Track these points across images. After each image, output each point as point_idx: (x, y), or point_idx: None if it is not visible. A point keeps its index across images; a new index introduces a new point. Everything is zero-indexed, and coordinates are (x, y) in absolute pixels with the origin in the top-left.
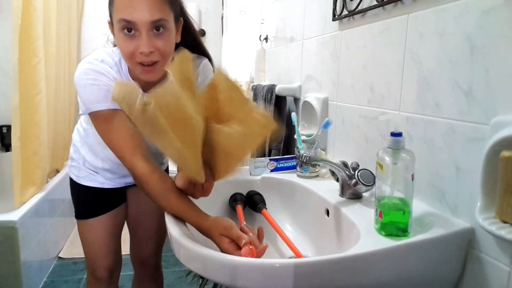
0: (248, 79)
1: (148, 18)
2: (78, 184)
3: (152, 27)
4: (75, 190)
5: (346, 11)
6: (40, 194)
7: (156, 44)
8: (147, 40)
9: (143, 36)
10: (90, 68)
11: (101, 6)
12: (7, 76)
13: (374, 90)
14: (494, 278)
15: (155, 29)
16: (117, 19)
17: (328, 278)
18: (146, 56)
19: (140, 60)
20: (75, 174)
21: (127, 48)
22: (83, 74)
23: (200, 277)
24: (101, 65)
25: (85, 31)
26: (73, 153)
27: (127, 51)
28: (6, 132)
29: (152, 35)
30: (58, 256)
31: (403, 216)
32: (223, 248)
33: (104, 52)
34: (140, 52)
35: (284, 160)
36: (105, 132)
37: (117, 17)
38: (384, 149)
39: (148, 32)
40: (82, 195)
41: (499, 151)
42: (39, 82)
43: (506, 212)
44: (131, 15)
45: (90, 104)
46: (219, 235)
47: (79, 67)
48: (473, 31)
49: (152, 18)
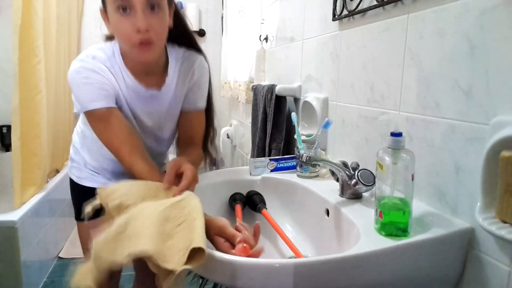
0: (247, 79)
1: None
2: (78, 185)
3: (147, 5)
4: (75, 191)
5: (346, 11)
6: (40, 194)
7: (151, 23)
8: (143, 17)
9: (138, 13)
10: (82, 66)
11: None
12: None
13: (374, 90)
14: (494, 278)
15: (150, 8)
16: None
17: (328, 278)
18: (142, 34)
19: (137, 39)
20: (75, 175)
21: (124, 28)
22: (75, 73)
23: (200, 277)
24: (93, 62)
25: (85, 31)
26: (73, 154)
27: (123, 31)
28: (6, 132)
29: (147, 14)
30: (58, 256)
31: (403, 216)
32: (219, 248)
33: (95, 48)
34: (137, 29)
35: (284, 160)
36: (102, 131)
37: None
38: (384, 149)
39: (144, 10)
40: (83, 196)
41: (499, 151)
42: (39, 82)
43: (506, 212)
44: None
45: (84, 103)
46: (214, 235)
47: (71, 66)
48: (473, 31)
49: None
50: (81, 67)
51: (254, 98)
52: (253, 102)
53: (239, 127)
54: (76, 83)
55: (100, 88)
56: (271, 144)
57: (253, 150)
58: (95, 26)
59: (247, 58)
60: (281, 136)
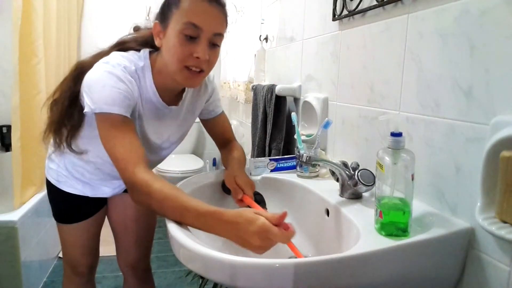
0: (247, 79)
1: (214, 30)
2: (57, 188)
3: (212, 40)
4: (53, 194)
5: (346, 11)
6: (40, 194)
7: (210, 55)
8: (207, 48)
9: (203, 43)
10: (112, 72)
11: (101, 6)
12: (7, 76)
13: (374, 90)
14: (494, 278)
15: (212, 44)
16: (183, 22)
17: (328, 278)
18: (199, 62)
19: (192, 64)
20: (54, 178)
21: (183, 51)
22: (106, 74)
23: (200, 277)
24: (123, 73)
25: (85, 31)
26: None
27: (181, 53)
28: (6, 132)
29: (208, 47)
30: (58, 256)
31: (403, 216)
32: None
33: (125, 58)
34: (196, 56)
35: (284, 160)
36: (111, 137)
37: (184, 20)
38: (384, 149)
39: (207, 41)
40: (61, 201)
41: (499, 151)
42: (39, 82)
43: (506, 212)
44: (202, 22)
45: (104, 104)
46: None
47: (98, 67)
48: (473, 31)
49: (217, 30)
50: (111, 72)
51: (254, 98)
52: (253, 102)
53: (239, 127)
54: (103, 83)
55: (125, 97)
56: (271, 144)
57: (253, 150)
58: (95, 26)
59: (246, 58)
60: (281, 136)
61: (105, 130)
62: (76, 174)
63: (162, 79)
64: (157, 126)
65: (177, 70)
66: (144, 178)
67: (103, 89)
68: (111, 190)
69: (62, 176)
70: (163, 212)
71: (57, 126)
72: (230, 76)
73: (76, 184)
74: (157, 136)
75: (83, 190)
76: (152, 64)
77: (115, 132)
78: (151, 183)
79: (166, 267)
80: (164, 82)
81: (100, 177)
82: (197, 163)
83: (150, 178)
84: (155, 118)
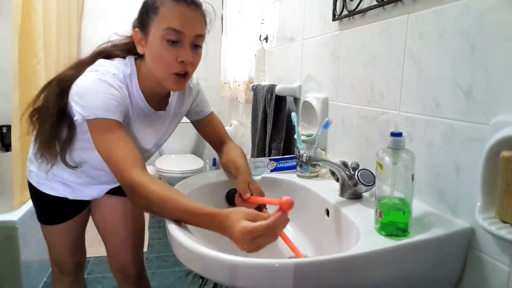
0: (247, 79)
1: (195, 32)
2: (38, 191)
3: (193, 41)
4: (35, 195)
5: (346, 11)
6: None
7: (193, 57)
8: (190, 51)
9: (186, 46)
10: (103, 79)
11: (101, 6)
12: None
13: (374, 90)
14: (494, 278)
15: (194, 45)
16: (163, 27)
17: (328, 278)
18: (183, 65)
19: (178, 69)
20: (34, 180)
21: (168, 57)
22: (97, 81)
23: (200, 277)
24: (113, 80)
25: (85, 31)
26: (32, 156)
27: (166, 59)
28: (6, 132)
29: (191, 49)
30: None
31: (403, 216)
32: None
33: (112, 66)
34: (182, 60)
35: (284, 160)
36: (106, 143)
37: (164, 25)
38: (384, 149)
39: (190, 44)
40: (44, 203)
41: (499, 151)
42: (39, 82)
43: (506, 212)
44: (182, 26)
45: (97, 110)
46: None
47: (88, 76)
48: (473, 31)
49: (197, 31)
50: (102, 79)
51: (254, 98)
52: (253, 102)
53: (239, 127)
54: (96, 90)
55: (118, 104)
56: (271, 144)
57: (253, 150)
58: (95, 26)
59: (246, 58)
60: (281, 136)
61: (99, 136)
62: (56, 178)
63: (148, 85)
64: (146, 131)
65: (165, 76)
66: (142, 180)
67: (96, 95)
68: (96, 193)
69: (42, 178)
70: (162, 213)
71: (46, 145)
72: (230, 76)
73: (56, 186)
74: (146, 141)
75: (63, 192)
76: (137, 70)
77: (110, 137)
78: (147, 185)
79: (166, 267)
80: (150, 87)
81: (85, 181)
82: (197, 163)
83: (148, 179)
84: (144, 124)
